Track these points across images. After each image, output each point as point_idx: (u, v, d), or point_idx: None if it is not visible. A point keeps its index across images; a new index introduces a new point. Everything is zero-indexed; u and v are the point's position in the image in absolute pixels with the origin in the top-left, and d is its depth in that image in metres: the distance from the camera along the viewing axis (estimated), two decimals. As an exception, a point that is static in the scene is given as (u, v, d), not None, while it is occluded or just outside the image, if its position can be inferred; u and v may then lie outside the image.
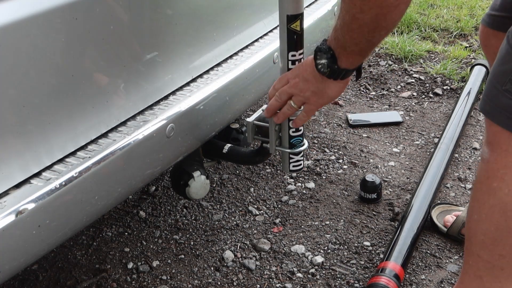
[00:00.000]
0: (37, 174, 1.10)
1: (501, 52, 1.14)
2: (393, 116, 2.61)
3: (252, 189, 2.12)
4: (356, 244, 1.83)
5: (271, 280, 1.70)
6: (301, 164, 1.47)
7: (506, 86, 1.11)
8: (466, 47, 3.29)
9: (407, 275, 1.68)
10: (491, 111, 1.16)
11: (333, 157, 2.31)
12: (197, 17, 1.47)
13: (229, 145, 1.67)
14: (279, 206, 2.02)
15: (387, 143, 2.41)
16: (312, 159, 2.29)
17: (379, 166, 2.24)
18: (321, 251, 1.81)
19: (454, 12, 3.74)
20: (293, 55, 1.32)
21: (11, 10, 1.00)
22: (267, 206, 2.03)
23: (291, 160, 1.45)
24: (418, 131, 2.50)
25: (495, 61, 1.16)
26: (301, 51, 1.33)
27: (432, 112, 2.66)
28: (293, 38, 1.30)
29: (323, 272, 1.73)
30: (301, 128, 1.40)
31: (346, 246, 1.82)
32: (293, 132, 1.39)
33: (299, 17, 1.29)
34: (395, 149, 2.36)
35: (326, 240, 1.85)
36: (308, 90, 1.27)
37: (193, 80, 1.48)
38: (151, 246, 1.85)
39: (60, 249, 1.83)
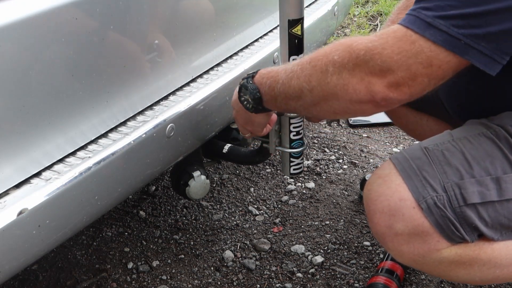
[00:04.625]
0: (37, 174, 1.10)
1: None
2: (393, 116, 2.61)
3: (252, 189, 2.12)
4: (356, 244, 1.83)
5: (271, 280, 1.70)
6: (301, 167, 1.47)
7: None
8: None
9: (407, 275, 1.68)
10: None
11: (333, 157, 2.31)
12: (197, 17, 1.47)
13: (229, 145, 1.67)
14: (279, 206, 2.02)
15: (387, 143, 2.41)
16: (312, 159, 2.29)
17: (379, 166, 2.24)
18: (321, 251, 1.81)
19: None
20: (294, 59, 1.32)
21: (11, 10, 1.00)
22: (267, 206, 2.03)
23: (291, 164, 1.45)
24: (418, 131, 2.50)
25: None
26: (302, 55, 1.33)
27: (432, 112, 2.66)
28: (294, 42, 1.30)
29: (323, 272, 1.73)
30: (301, 131, 1.41)
31: (346, 246, 1.82)
32: (293, 135, 1.40)
33: (300, 21, 1.28)
34: (395, 149, 2.36)
35: (326, 240, 1.85)
36: (240, 119, 1.30)
37: (193, 80, 1.48)
38: (151, 246, 1.85)
39: (60, 249, 1.83)
